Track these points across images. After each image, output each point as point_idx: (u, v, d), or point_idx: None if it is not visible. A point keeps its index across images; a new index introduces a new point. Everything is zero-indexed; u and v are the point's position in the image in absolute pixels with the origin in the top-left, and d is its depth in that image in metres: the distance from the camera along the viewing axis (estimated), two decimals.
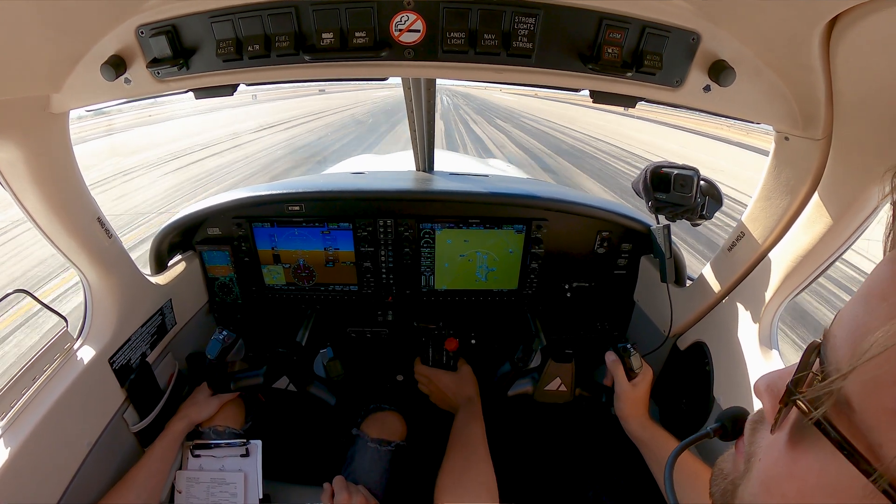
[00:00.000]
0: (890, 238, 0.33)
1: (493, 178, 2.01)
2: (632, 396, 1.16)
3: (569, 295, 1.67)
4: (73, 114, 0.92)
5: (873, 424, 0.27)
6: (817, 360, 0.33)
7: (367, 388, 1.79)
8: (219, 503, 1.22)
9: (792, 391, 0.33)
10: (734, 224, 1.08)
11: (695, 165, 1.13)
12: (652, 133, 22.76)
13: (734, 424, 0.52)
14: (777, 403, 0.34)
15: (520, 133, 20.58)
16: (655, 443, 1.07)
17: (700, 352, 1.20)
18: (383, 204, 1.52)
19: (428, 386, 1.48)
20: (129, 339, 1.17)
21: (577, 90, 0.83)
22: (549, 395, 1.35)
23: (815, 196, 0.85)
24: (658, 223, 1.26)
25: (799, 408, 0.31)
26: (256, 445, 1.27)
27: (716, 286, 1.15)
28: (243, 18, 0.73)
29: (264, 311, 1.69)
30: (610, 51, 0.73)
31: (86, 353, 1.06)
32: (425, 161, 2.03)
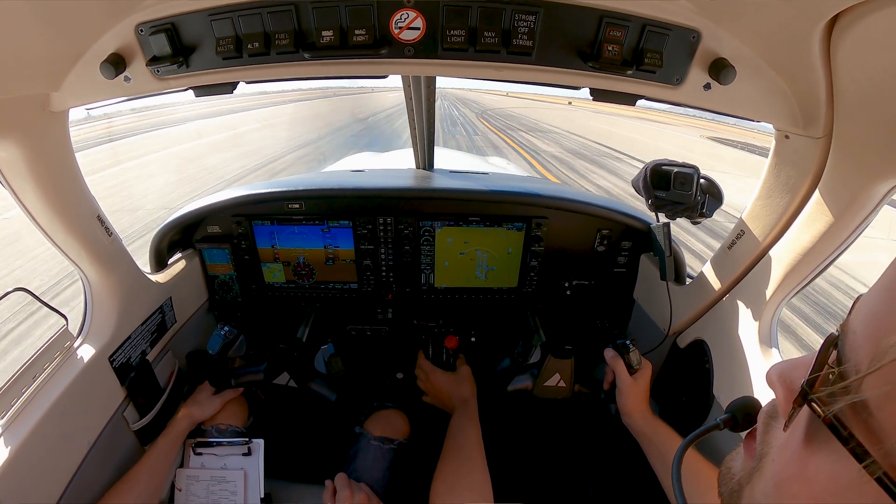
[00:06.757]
0: None
1: (493, 176, 2.00)
2: (634, 390, 1.16)
3: (569, 293, 1.67)
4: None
5: (890, 430, 0.25)
6: (834, 355, 0.30)
7: (368, 385, 1.79)
8: (218, 501, 1.23)
9: (807, 392, 0.30)
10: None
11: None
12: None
13: (745, 415, 0.51)
14: (790, 401, 0.32)
15: None
16: (659, 437, 1.07)
17: (700, 350, 1.20)
18: (383, 202, 1.52)
19: (425, 383, 1.48)
20: (129, 338, 1.17)
21: (577, 88, 0.83)
22: (549, 390, 1.35)
23: (816, 194, 0.85)
24: (658, 221, 1.26)
25: (814, 410, 0.29)
26: (259, 444, 1.27)
27: (716, 284, 1.15)
28: (243, 16, 0.73)
29: (264, 310, 1.69)
30: (610, 49, 0.73)
31: (86, 352, 1.06)
32: (425, 159, 2.03)
